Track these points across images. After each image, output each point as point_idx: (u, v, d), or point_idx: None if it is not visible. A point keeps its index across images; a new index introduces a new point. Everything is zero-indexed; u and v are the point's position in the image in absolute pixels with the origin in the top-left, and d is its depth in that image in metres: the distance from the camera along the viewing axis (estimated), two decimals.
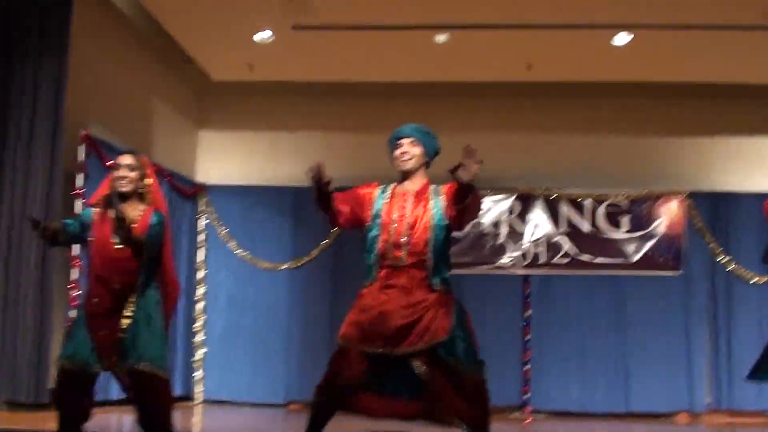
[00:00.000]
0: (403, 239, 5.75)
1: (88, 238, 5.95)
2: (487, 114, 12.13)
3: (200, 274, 11.77)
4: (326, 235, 11.65)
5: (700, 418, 11.19)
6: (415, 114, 12.08)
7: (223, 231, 11.73)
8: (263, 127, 12.34)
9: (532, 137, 12.05)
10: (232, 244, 11.71)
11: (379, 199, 5.96)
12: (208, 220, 11.82)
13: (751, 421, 10.96)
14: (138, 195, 6.00)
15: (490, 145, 12.01)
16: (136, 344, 5.77)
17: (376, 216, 5.87)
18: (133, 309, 5.85)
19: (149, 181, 6.08)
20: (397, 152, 6.06)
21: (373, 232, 5.84)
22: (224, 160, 12.32)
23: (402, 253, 5.74)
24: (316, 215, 11.58)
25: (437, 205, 5.94)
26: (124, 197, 5.91)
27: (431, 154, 6.22)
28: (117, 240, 5.77)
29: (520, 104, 12.09)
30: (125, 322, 5.83)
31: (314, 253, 11.71)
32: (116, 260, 5.82)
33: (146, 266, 5.89)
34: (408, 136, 6.08)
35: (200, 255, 11.80)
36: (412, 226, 5.79)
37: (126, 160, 5.98)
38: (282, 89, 12.15)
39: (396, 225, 5.80)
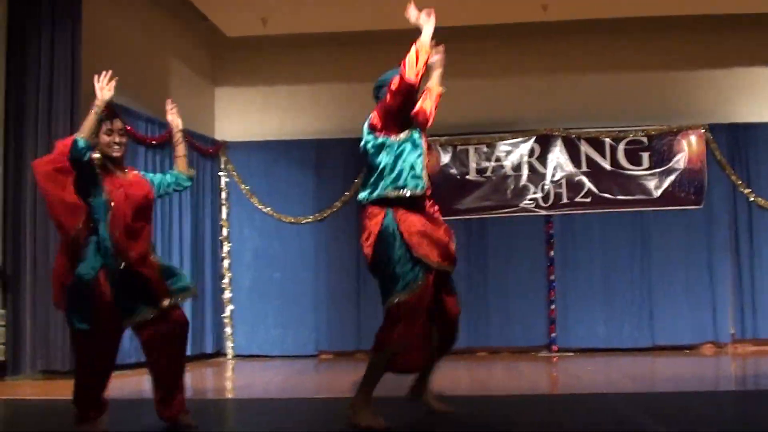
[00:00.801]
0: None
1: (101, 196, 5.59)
2: (503, 57, 12.10)
3: (224, 232, 11.86)
4: (348, 186, 11.72)
5: (725, 349, 11.28)
6: None
7: (245, 187, 11.77)
8: (280, 80, 12.32)
9: (549, 78, 12.02)
10: (254, 200, 11.75)
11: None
12: (229, 178, 11.87)
13: None
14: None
15: (508, 88, 12.04)
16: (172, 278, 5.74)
17: (418, 138, 5.94)
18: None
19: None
20: None
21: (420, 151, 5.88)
22: (243, 116, 12.33)
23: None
24: (337, 167, 11.78)
25: None
26: (114, 161, 5.72)
27: None
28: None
29: (537, 46, 12.04)
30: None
31: (337, 205, 11.76)
32: (134, 230, 5.66)
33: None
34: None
35: (223, 212, 11.88)
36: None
37: (119, 124, 5.79)
38: (297, 42, 12.10)
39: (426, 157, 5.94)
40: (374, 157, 5.80)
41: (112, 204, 5.57)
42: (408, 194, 5.69)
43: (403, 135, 5.84)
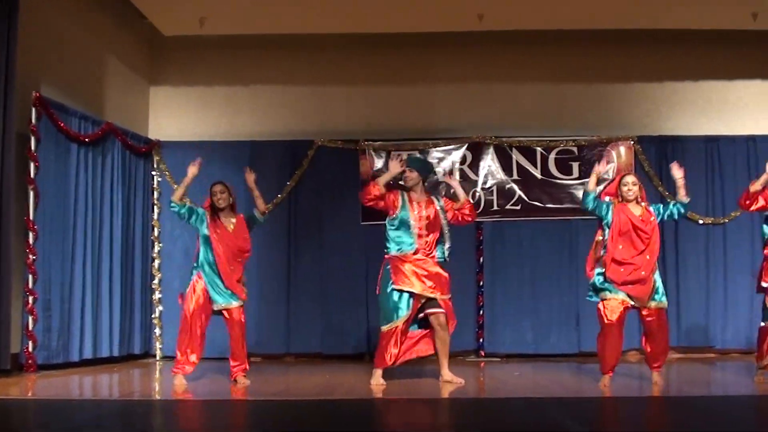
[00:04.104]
0: None
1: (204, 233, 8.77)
2: (439, 65, 12.21)
3: (155, 232, 11.78)
4: (281, 189, 11.73)
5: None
6: (369, 66, 12.23)
7: None
8: (217, 81, 12.29)
9: (483, 87, 12.18)
10: (187, 201, 11.62)
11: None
12: (162, 178, 11.78)
13: (699, 357, 11.39)
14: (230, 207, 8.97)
15: (442, 95, 12.17)
16: None
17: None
18: None
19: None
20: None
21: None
22: (178, 115, 12.25)
23: None
24: (271, 169, 11.78)
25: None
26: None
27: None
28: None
29: (472, 55, 12.20)
30: None
31: (269, 207, 11.72)
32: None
33: None
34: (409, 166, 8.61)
35: (155, 212, 11.80)
36: None
37: (218, 187, 8.96)
38: (235, 43, 12.11)
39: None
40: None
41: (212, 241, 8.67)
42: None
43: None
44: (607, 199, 8.26)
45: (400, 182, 8.78)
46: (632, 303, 8.10)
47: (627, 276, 8.06)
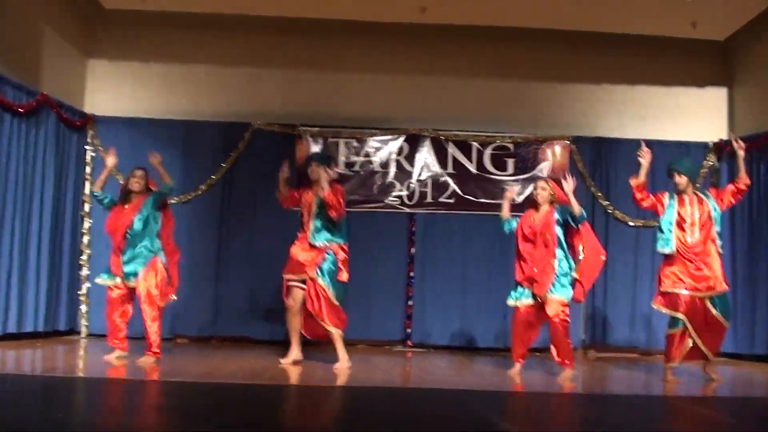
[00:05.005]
0: None
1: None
2: (379, 55, 12.21)
3: (86, 207, 11.64)
4: (215, 170, 11.66)
5: (576, 353, 11.58)
6: (309, 51, 12.19)
7: None
8: (156, 58, 12.14)
9: (423, 79, 12.21)
10: (120, 177, 11.48)
11: None
12: (95, 153, 11.64)
13: (621, 356, 11.51)
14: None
15: (382, 85, 12.17)
16: None
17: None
18: None
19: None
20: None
21: None
22: (114, 90, 12.08)
23: None
24: (206, 150, 11.71)
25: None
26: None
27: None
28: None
29: (413, 46, 12.22)
30: None
31: (203, 188, 11.68)
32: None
33: None
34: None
35: (86, 188, 11.63)
36: None
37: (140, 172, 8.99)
38: (176, 20, 12.02)
39: None
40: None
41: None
42: None
43: None
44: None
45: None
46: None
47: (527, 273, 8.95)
